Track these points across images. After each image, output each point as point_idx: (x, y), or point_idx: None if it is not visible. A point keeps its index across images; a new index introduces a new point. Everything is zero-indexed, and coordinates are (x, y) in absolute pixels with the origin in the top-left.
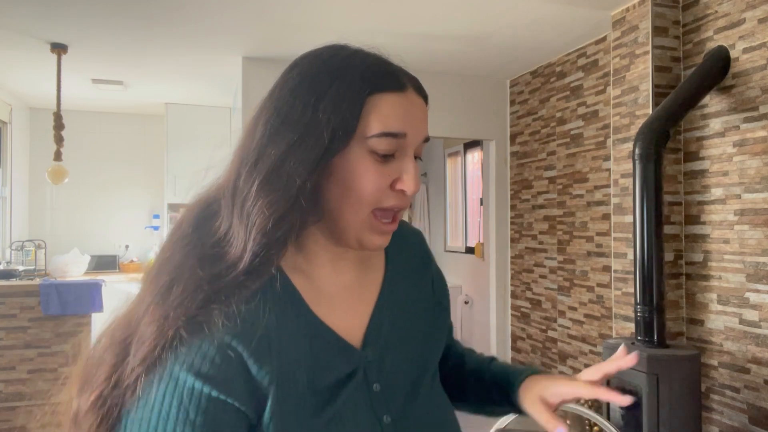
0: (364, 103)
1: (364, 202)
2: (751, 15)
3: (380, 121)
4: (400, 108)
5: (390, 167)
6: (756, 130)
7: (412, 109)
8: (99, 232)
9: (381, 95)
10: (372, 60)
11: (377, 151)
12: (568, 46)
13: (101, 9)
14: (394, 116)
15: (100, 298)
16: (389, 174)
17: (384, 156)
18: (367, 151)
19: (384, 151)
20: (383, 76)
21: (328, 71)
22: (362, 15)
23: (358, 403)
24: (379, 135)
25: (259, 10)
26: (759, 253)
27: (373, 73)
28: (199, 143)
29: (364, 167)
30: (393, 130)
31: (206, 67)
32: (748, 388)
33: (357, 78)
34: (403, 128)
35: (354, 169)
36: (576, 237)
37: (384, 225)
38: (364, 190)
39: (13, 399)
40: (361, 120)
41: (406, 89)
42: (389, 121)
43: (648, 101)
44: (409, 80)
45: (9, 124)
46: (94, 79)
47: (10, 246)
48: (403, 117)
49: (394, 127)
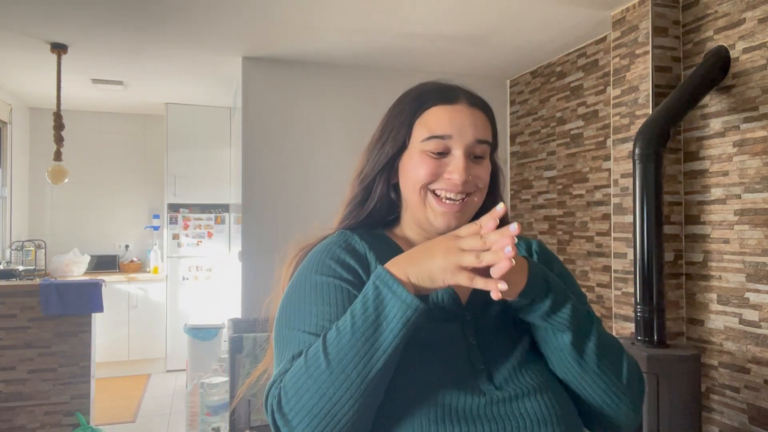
0: (415, 118)
1: (418, 184)
2: (751, 15)
3: (428, 128)
4: (445, 115)
5: (442, 161)
6: (756, 130)
7: (458, 115)
8: (99, 232)
9: (429, 109)
10: (427, 85)
11: (430, 151)
12: (568, 46)
13: (101, 9)
14: (439, 122)
15: (100, 298)
16: (441, 166)
17: (438, 154)
18: (422, 152)
19: (434, 149)
20: (432, 95)
21: (396, 102)
22: (362, 15)
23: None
24: (427, 138)
25: (259, 10)
26: (759, 253)
27: (423, 95)
28: (199, 143)
29: (421, 161)
30: (437, 133)
31: (206, 67)
32: (748, 388)
33: (411, 101)
34: (447, 131)
35: (414, 164)
36: (576, 237)
37: (443, 205)
38: (418, 174)
39: (13, 399)
40: (414, 130)
41: (454, 102)
42: (434, 127)
43: (648, 101)
44: (463, 95)
45: (9, 124)
46: (94, 79)
47: (10, 246)
48: (448, 122)
49: (438, 130)
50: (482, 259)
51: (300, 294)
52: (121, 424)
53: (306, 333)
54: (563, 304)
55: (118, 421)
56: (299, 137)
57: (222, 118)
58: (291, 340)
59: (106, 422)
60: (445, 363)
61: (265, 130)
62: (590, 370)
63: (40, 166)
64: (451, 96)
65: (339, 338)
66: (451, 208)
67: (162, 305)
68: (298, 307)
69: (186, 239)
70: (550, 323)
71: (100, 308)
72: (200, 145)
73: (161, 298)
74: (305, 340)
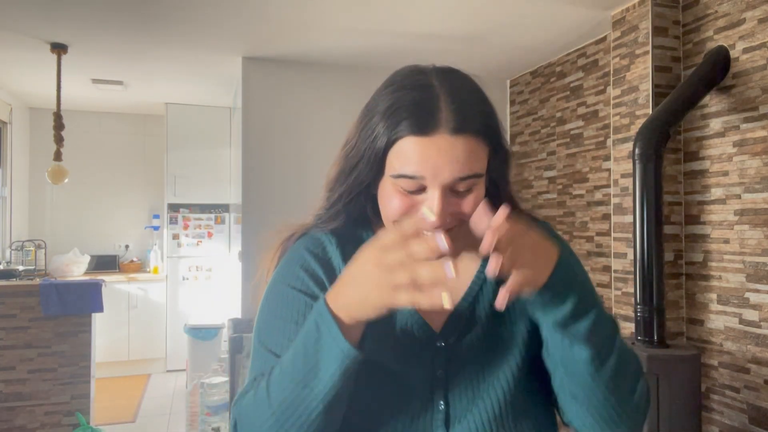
0: (392, 145)
1: (390, 219)
2: (751, 15)
3: (399, 163)
4: (416, 152)
5: (417, 198)
6: (756, 130)
7: (433, 152)
8: (99, 232)
9: (405, 139)
10: (409, 100)
11: (402, 187)
12: (568, 46)
13: (101, 9)
14: (411, 160)
15: (100, 298)
16: (414, 203)
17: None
18: (394, 184)
19: (406, 187)
20: (405, 117)
21: (372, 108)
22: (362, 15)
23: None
24: (396, 176)
25: (259, 10)
26: (759, 253)
27: (396, 112)
28: (199, 143)
29: (391, 195)
30: (408, 173)
31: (206, 67)
32: (748, 388)
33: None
34: (419, 171)
35: (386, 195)
36: (576, 237)
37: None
38: (388, 212)
39: (13, 399)
40: (387, 156)
41: (431, 132)
42: (406, 164)
43: (648, 101)
44: (445, 119)
45: (9, 124)
46: (94, 79)
47: (10, 246)
48: (419, 161)
49: (409, 170)
50: (417, 276)
51: (271, 306)
52: (121, 424)
53: (269, 352)
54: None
55: (118, 421)
56: (299, 137)
57: (222, 118)
58: (257, 357)
59: (106, 422)
60: (402, 400)
61: (265, 130)
62: (602, 386)
63: (40, 166)
64: (428, 123)
65: (280, 379)
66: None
67: (162, 305)
68: (267, 321)
69: (186, 239)
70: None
71: (100, 308)
72: (200, 145)
73: (161, 298)
74: (267, 361)
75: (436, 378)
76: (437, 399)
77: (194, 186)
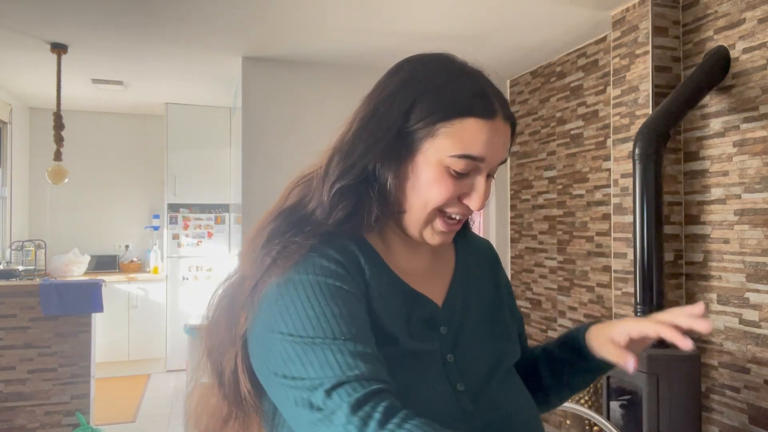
0: (453, 123)
1: (430, 206)
2: (751, 15)
3: (463, 144)
4: (485, 134)
5: (463, 183)
6: (756, 130)
7: (496, 136)
8: (99, 232)
9: (469, 119)
10: (470, 82)
11: (455, 169)
12: (568, 46)
13: (101, 9)
14: (477, 141)
15: (100, 298)
16: (461, 188)
17: (459, 173)
18: (444, 167)
19: (461, 170)
20: (476, 101)
21: (428, 84)
22: (362, 15)
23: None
24: (459, 156)
25: (260, 10)
26: (759, 253)
27: (467, 96)
28: (199, 143)
29: (440, 178)
30: (473, 154)
31: (206, 67)
32: (748, 388)
33: (452, 97)
34: (482, 153)
35: (431, 178)
36: (576, 237)
37: (447, 225)
38: (434, 197)
39: (13, 399)
40: (438, 135)
41: (495, 117)
42: (471, 145)
43: (648, 101)
44: (501, 106)
45: (9, 124)
46: (94, 79)
47: (10, 246)
48: (486, 143)
49: (474, 151)
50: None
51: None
52: (121, 424)
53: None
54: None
55: (118, 421)
56: (299, 137)
57: (222, 118)
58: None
59: (106, 422)
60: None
61: (265, 130)
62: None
63: (40, 166)
64: (491, 108)
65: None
66: (453, 228)
67: (162, 305)
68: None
69: (186, 239)
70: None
71: (100, 308)
72: (200, 145)
73: (161, 298)
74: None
75: (448, 364)
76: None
77: (194, 186)
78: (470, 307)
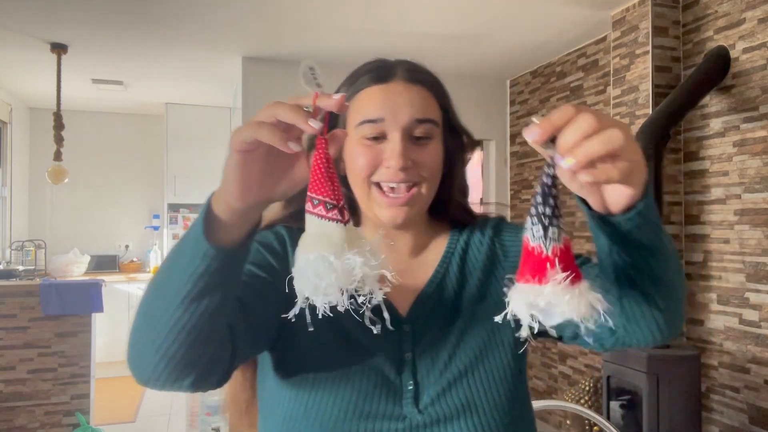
0: (354, 100)
1: (360, 177)
2: (751, 15)
3: (361, 111)
4: (378, 97)
5: (380, 147)
6: (756, 130)
7: (391, 95)
8: (99, 232)
9: (363, 90)
10: (364, 65)
11: (365, 137)
12: (568, 46)
13: (101, 9)
14: (371, 104)
15: (100, 298)
16: (378, 153)
17: (374, 138)
18: (358, 139)
19: (368, 134)
20: (369, 74)
21: (347, 79)
22: (362, 15)
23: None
24: (360, 123)
25: (259, 9)
26: (759, 253)
27: (361, 73)
28: (199, 143)
29: (357, 149)
30: (369, 117)
31: (206, 67)
32: (748, 388)
33: (353, 79)
34: (378, 114)
35: (351, 152)
36: (576, 237)
37: (385, 197)
38: (358, 167)
39: (13, 399)
40: (351, 113)
41: (388, 80)
42: (367, 110)
43: (648, 101)
44: (401, 71)
45: (9, 124)
46: (94, 79)
47: (10, 246)
48: (380, 103)
49: (369, 113)
50: (277, 115)
51: None
52: (121, 424)
53: None
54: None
55: (118, 421)
56: None
57: (222, 118)
58: None
59: (106, 422)
60: (371, 381)
61: None
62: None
63: (40, 166)
64: (385, 74)
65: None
66: (395, 201)
67: None
68: None
69: None
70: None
71: (100, 308)
72: (200, 145)
73: None
74: None
75: (404, 360)
76: (406, 379)
77: (194, 186)
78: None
